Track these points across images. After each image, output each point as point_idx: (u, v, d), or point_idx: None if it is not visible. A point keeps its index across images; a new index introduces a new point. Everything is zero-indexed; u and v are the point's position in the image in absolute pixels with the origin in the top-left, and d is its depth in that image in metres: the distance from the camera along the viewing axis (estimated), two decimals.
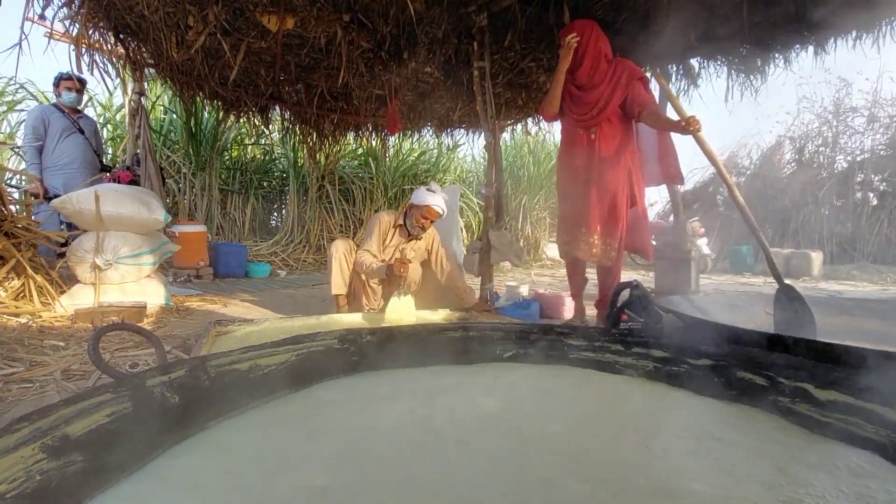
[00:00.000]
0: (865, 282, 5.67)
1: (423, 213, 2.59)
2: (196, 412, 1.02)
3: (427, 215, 2.60)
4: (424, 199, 2.57)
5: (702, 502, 0.67)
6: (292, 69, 4.43)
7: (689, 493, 0.68)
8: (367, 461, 0.79)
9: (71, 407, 0.92)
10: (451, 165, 8.55)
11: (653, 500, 0.67)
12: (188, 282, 4.70)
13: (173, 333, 2.35)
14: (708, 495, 0.68)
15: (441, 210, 2.62)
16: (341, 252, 2.66)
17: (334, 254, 2.66)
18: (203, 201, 5.91)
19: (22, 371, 1.54)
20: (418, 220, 2.61)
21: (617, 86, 2.43)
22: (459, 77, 4.55)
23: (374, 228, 2.67)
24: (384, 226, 2.69)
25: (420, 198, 2.59)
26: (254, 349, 1.25)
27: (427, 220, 2.62)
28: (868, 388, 0.95)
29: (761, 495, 0.68)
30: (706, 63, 3.92)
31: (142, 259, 2.78)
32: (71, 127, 3.67)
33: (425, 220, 2.61)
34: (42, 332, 2.07)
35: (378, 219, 2.69)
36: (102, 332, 1.12)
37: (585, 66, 2.48)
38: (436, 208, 2.59)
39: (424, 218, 2.60)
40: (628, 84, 2.42)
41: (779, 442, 0.89)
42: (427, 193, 2.59)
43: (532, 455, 0.80)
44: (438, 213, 2.62)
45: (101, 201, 2.61)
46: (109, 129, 5.86)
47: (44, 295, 2.53)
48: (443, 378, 1.29)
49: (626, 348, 1.53)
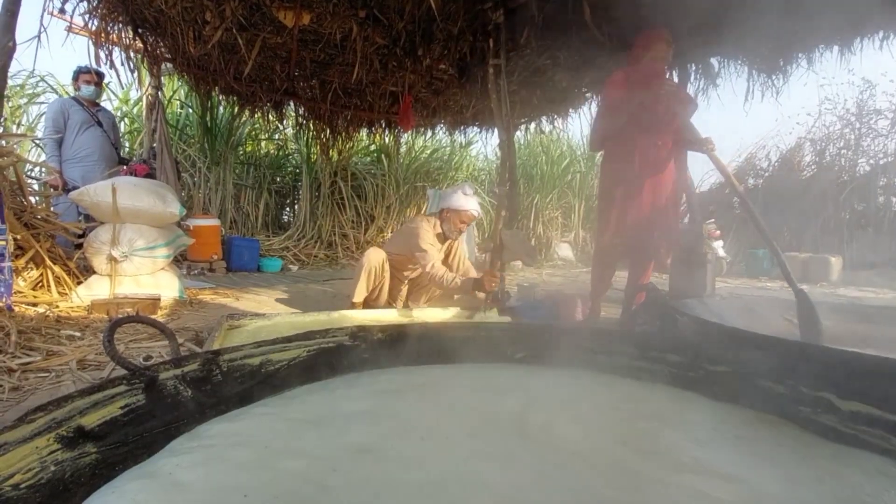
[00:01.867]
0: (886, 288, 5.52)
1: (461, 219, 2.63)
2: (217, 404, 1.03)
3: (465, 220, 2.66)
4: (463, 205, 2.60)
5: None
6: (307, 65, 4.44)
7: None
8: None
9: (86, 398, 0.92)
10: (464, 163, 8.52)
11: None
12: (202, 275, 4.75)
13: (186, 326, 2.37)
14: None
15: (477, 213, 2.70)
16: (373, 264, 2.66)
17: (365, 264, 2.66)
18: (217, 195, 5.97)
19: (39, 360, 1.56)
20: (456, 224, 2.63)
21: (683, 105, 2.55)
22: (474, 74, 4.52)
23: (424, 236, 2.58)
24: (432, 231, 2.66)
25: (458, 203, 2.62)
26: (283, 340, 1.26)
27: (465, 223, 2.67)
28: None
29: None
30: (726, 62, 3.85)
31: (157, 252, 2.81)
32: (90, 120, 3.72)
33: (463, 224, 2.66)
34: (59, 322, 2.10)
35: (423, 225, 2.64)
36: (118, 324, 1.13)
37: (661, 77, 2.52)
38: (473, 212, 2.66)
39: (463, 222, 2.65)
40: (688, 106, 2.57)
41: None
42: (464, 198, 2.62)
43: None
44: (475, 216, 2.69)
45: (117, 194, 2.65)
46: (127, 122, 5.94)
47: (61, 285, 2.56)
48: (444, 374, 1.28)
49: (641, 350, 1.51)
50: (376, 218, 7.38)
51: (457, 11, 3.57)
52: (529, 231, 8.67)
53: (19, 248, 2.34)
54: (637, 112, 2.43)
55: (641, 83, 2.46)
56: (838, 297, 4.43)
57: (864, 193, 6.95)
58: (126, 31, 3.81)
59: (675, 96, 2.55)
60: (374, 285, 2.70)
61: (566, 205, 9.19)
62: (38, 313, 2.12)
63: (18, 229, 2.26)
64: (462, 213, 2.60)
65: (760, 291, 5.13)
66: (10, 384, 1.36)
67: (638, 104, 2.40)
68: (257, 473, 0.75)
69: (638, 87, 2.45)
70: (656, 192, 2.48)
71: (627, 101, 2.44)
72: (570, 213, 9.18)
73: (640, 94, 2.41)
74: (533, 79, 4.72)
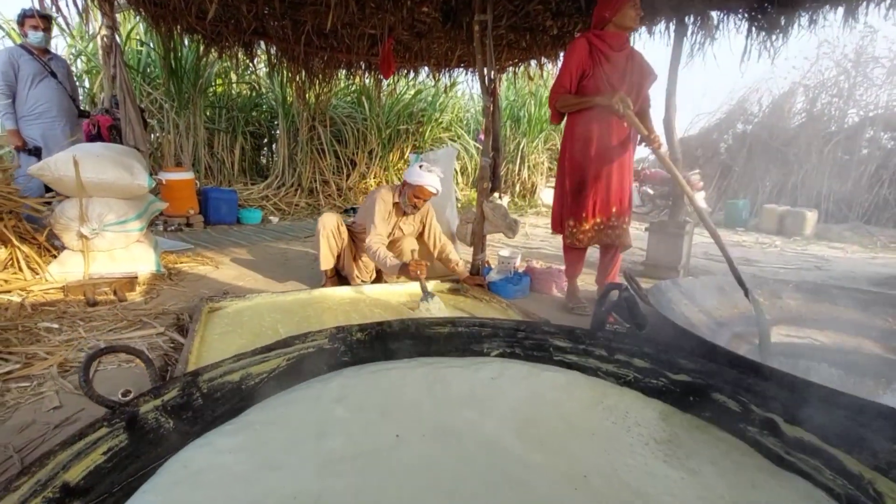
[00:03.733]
0: (856, 244, 5.72)
1: (415, 193, 2.53)
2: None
3: (420, 195, 2.54)
4: (418, 179, 2.49)
5: None
6: (276, 4, 4.05)
7: None
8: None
9: (67, 450, 0.95)
10: (449, 104, 8.16)
11: None
12: (179, 231, 4.66)
13: (165, 308, 2.37)
14: None
15: (434, 190, 2.55)
16: (328, 229, 2.62)
17: (321, 230, 2.63)
18: (189, 142, 5.68)
19: (19, 369, 1.57)
20: (411, 199, 2.55)
21: (644, 77, 2.42)
22: (459, 19, 4.20)
23: (377, 209, 2.57)
24: (387, 205, 2.62)
25: (414, 177, 2.51)
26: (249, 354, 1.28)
27: (420, 199, 2.56)
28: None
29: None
30: (726, 17, 3.63)
31: (129, 226, 2.73)
32: (42, 70, 3.41)
33: (418, 199, 2.55)
34: (35, 311, 2.09)
35: (380, 198, 2.60)
36: (91, 360, 1.13)
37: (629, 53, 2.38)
38: (429, 188, 2.52)
39: (417, 197, 2.54)
40: (649, 78, 2.45)
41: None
42: (421, 173, 2.50)
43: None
44: (432, 192, 2.55)
45: (80, 167, 2.51)
46: (83, 61, 5.45)
47: (33, 264, 2.51)
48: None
49: (609, 353, 1.58)
50: (358, 164, 7.18)
51: None
52: (515, 176, 8.57)
53: None
54: (597, 92, 2.34)
55: (604, 55, 2.33)
56: (805, 259, 4.59)
57: (849, 146, 6.95)
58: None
59: (640, 70, 2.40)
60: (338, 249, 2.70)
61: (553, 148, 9.01)
62: (13, 303, 2.10)
63: None
64: (416, 188, 2.53)
65: (735, 248, 5.24)
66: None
67: (595, 93, 2.32)
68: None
69: (600, 59, 2.32)
70: (615, 177, 2.45)
71: (588, 80, 2.35)
72: (557, 157, 9.04)
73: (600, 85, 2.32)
74: (522, 24, 4.42)
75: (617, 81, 2.31)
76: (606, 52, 2.30)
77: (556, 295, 2.94)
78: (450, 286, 2.86)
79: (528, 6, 4.04)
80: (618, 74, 2.33)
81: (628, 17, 2.27)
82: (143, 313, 2.25)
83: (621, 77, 2.33)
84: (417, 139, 7.85)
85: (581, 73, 2.34)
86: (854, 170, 6.72)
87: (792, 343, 2.40)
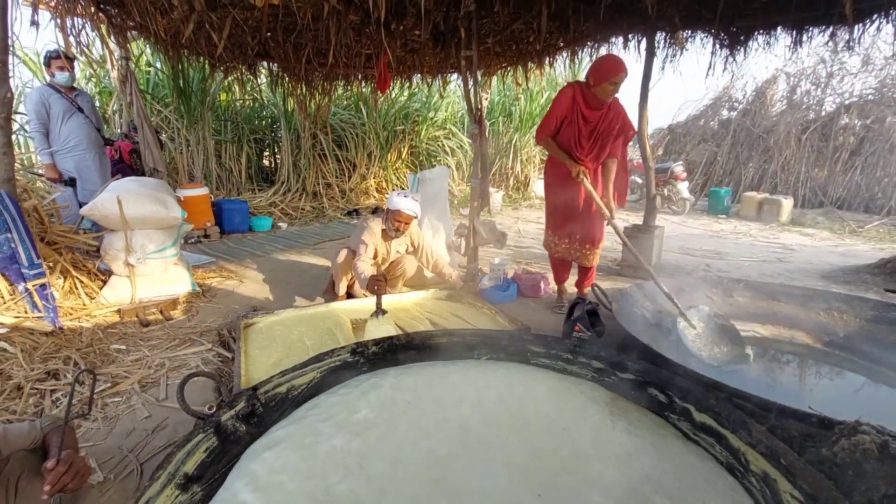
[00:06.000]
0: (826, 230, 6.12)
1: (395, 217, 2.84)
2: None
3: (399, 218, 2.84)
4: (395, 204, 2.82)
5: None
6: (279, 35, 4.37)
7: None
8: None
9: (181, 450, 1.40)
10: (443, 104, 8.46)
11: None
12: (199, 243, 5.06)
13: (207, 325, 2.80)
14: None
15: (411, 212, 2.85)
16: (340, 265, 2.97)
17: (335, 268, 3.02)
18: (199, 156, 6.04)
19: (110, 387, 2.01)
20: (393, 223, 2.87)
21: (620, 132, 2.81)
22: (448, 41, 4.52)
23: (364, 235, 2.89)
24: (375, 231, 2.94)
25: (392, 203, 2.85)
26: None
27: (400, 222, 2.86)
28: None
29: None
30: (692, 35, 3.96)
31: (166, 252, 3.14)
32: (71, 108, 3.77)
33: (399, 222, 2.86)
34: (105, 335, 2.51)
35: (368, 226, 2.93)
36: (184, 383, 1.56)
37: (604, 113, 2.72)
38: (406, 211, 2.83)
39: (398, 221, 2.85)
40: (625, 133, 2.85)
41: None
42: (398, 198, 2.83)
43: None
44: (410, 215, 2.85)
45: (123, 205, 2.91)
46: (94, 83, 5.77)
47: (87, 290, 2.93)
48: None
49: (574, 357, 2.02)
50: (358, 166, 7.53)
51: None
52: (508, 170, 8.92)
53: (48, 266, 2.66)
54: (575, 139, 2.73)
55: (581, 112, 2.69)
56: (772, 251, 4.98)
57: (825, 132, 7.28)
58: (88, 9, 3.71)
59: (613, 126, 2.75)
60: (349, 280, 3.09)
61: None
62: (85, 329, 2.52)
63: (48, 253, 2.56)
64: (395, 213, 2.84)
65: (713, 238, 5.64)
66: (100, 414, 1.82)
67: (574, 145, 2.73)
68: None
69: (578, 114, 2.69)
70: (582, 213, 2.87)
71: (568, 127, 2.74)
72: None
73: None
74: (507, 41, 4.74)
75: (585, 138, 2.72)
76: (583, 110, 2.68)
77: (544, 296, 3.37)
78: (447, 293, 3.28)
79: (513, 25, 4.36)
80: (588, 130, 2.72)
81: (605, 92, 2.61)
82: (189, 331, 2.68)
83: (590, 134, 2.73)
84: (414, 139, 8.18)
85: (563, 118, 2.73)
86: (829, 157, 7.07)
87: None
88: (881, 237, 5.71)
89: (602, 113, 2.70)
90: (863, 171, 6.76)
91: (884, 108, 6.90)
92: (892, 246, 5.07)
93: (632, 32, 4.13)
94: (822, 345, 2.68)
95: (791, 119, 7.61)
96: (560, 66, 5.56)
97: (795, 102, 7.79)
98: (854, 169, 6.81)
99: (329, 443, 1.36)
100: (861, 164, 6.76)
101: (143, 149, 4.54)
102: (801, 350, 2.68)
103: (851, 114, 7.09)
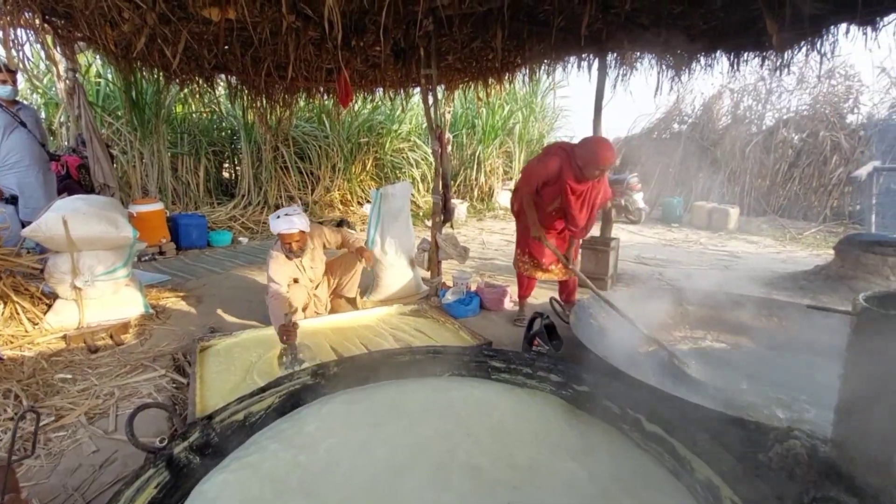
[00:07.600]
0: (770, 237, 6.53)
1: (283, 241, 2.84)
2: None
3: (286, 240, 2.82)
4: (275, 228, 2.81)
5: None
6: (237, 49, 4.31)
7: None
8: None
9: (131, 487, 1.36)
10: (407, 115, 8.52)
11: None
12: (153, 260, 4.88)
13: (160, 349, 2.70)
14: None
15: (292, 230, 2.80)
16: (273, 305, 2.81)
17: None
18: (154, 169, 5.84)
19: (53, 420, 1.91)
20: (284, 245, 2.86)
21: (604, 199, 3.04)
22: (409, 58, 4.58)
23: (271, 268, 2.86)
24: (279, 260, 2.90)
25: (273, 228, 2.83)
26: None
27: (290, 242, 2.83)
28: None
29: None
30: (640, 56, 4.18)
31: (117, 273, 3.02)
32: (12, 122, 3.59)
33: (288, 243, 2.83)
34: (50, 363, 2.39)
35: (270, 259, 2.90)
36: (134, 415, 1.52)
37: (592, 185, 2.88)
38: (286, 232, 2.79)
39: (287, 242, 2.83)
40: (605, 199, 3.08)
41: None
42: (274, 222, 2.81)
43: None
44: (291, 233, 2.81)
45: (69, 225, 2.78)
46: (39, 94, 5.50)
47: (29, 314, 2.78)
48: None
49: (533, 371, 2.08)
50: (322, 178, 7.46)
51: (389, 8, 3.60)
52: (472, 182, 9.05)
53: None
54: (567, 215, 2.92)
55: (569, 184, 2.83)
56: (720, 258, 5.28)
57: (767, 145, 7.78)
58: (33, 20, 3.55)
59: (596, 194, 2.93)
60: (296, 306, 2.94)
61: (507, 151, 9.54)
62: (27, 358, 2.39)
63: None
64: (280, 237, 2.86)
65: (666, 246, 5.92)
66: (44, 450, 1.73)
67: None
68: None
69: (565, 186, 2.83)
70: (551, 245, 3.02)
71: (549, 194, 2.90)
72: (511, 160, 9.57)
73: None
74: (468, 58, 4.84)
75: (577, 210, 2.89)
76: (572, 184, 2.81)
77: (507, 309, 3.44)
78: (411, 308, 3.30)
79: (472, 44, 4.47)
80: (579, 203, 2.89)
81: (592, 174, 2.77)
82: (142, 356, 2.59)
83: (581, 206, 2.90)
84: (378, 150, 8.18)
85: (546, 181, 2.85)
86: (771, 168, 7.56)
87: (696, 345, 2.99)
88: (818, 243, 6.15)
89: (590, 185, 2.85)
90: (800, 181, 7.26)
91: (817, 123, 7.46)
92: (827, 252, 5.46)
93: (584, 52, 4.32)
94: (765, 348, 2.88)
95: (735, 132, 8.10)
96: (519, 83, 5.72)
97: (739, 117, 8.30)
98: (793, 179, 7.31)
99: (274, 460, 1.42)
100: (799, 174, 7.27)
101: (92, 164, 4.34)
102: (744, 356, 2.85)
103: (789, 128, 7.62)
